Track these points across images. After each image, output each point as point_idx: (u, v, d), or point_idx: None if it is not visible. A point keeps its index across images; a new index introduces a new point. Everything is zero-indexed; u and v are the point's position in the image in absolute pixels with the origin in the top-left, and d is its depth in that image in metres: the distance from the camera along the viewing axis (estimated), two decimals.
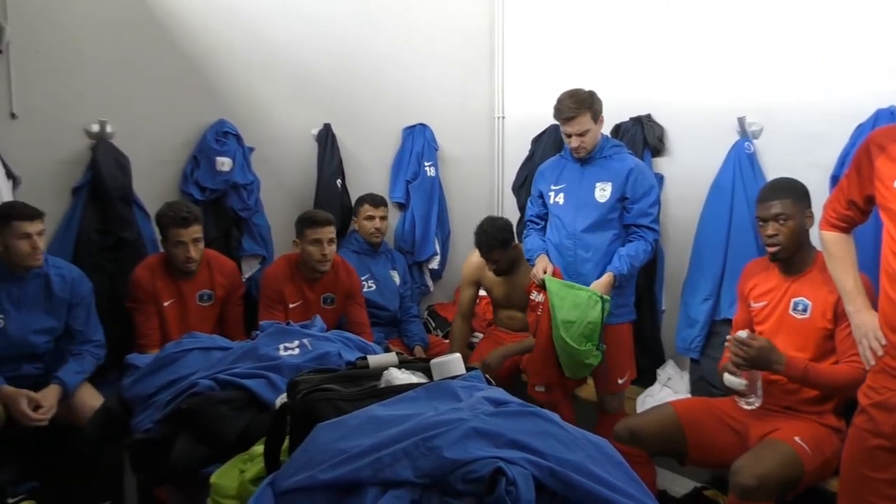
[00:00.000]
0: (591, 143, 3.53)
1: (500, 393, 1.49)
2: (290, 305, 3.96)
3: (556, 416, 1.40)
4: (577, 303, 3.37)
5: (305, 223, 3.93)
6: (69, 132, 3.87)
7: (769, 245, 2.97)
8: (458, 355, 1.63)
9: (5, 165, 3.62)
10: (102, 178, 3.81)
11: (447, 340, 4.64)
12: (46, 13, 3.76)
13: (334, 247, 3.97)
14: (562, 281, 3.48)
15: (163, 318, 3.75)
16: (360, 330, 4.01)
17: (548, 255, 3.64)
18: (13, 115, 3.70)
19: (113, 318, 3.70)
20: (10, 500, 3.32)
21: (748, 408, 2.89)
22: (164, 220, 3.66)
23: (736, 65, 3.83)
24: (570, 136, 3.52)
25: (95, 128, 3.90)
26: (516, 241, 4.25)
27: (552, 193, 3.68)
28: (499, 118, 5.41)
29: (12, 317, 3.31)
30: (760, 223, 3.01)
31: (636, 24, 4.34)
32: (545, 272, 3.50)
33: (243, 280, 4.16)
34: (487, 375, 1.67)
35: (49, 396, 3.21)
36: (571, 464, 1.26)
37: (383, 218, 4.55)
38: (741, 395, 2.88)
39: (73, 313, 3.45)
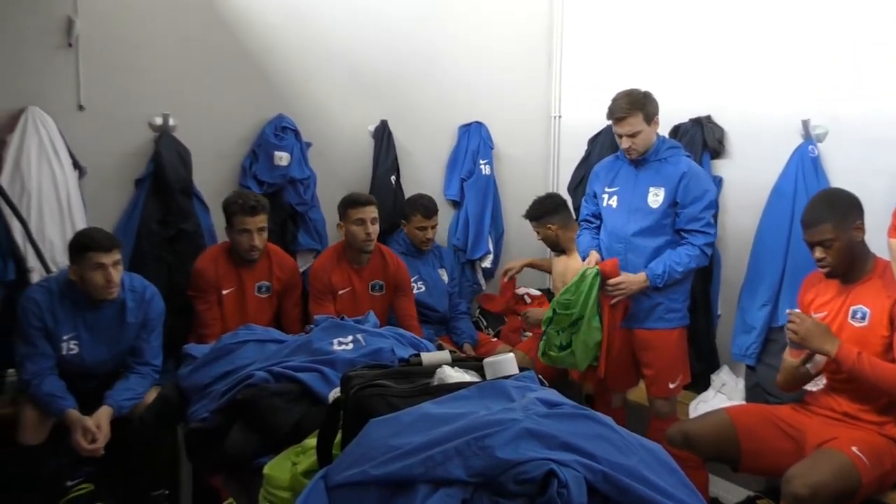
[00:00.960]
0: (643, 145, 3.49)
1: (553, 394, 1.48)
2: (339, 292, 3.99)
3: (609, 420, 1.39)
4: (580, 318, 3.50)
5: (348, 204, 3.95)
6: (133, 125, 3.97)
7: (820, 267, 2.92)
8: (511, 355, 1.62)
9: (72, 156, 3.73)
10: (164, 171, 3.89)
11: (496, 339, 4.64)
12: (114, 7, 3.87)
13: (377, 226, 3.97)
14: (594, 287, 3.50)
15: (221, 306, 3.82)
16: (408, 323, 4.02)
17: (599, 254, 3.63)
18: (81, 108, 3.81)
19: (170, 307, 3.76)
20: (69, 484, 3.42)
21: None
22: (233, 207, 3.72)
23: (802, 66, 3.74)
24: (621, 136, 3.48)
25: (158, 121, 3.99)
26: (566, 222, 4.28)
27: (605, 196, 3.64)
28: (555, 117, 5.37)
29: (85, 343, 3.35)
30: (808, 245, 2.95)
31: (697, 23, 4.27)
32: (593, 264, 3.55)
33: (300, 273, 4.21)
34: (541, 376, 1.66)
35: (102, 423, 3.20)
36: (624, 468, 1.24)
37: (434, 227, 4.52)
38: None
39: (140, 333, 3.47)
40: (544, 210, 4.29)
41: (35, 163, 3.58)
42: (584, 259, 3.70)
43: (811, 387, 2.88)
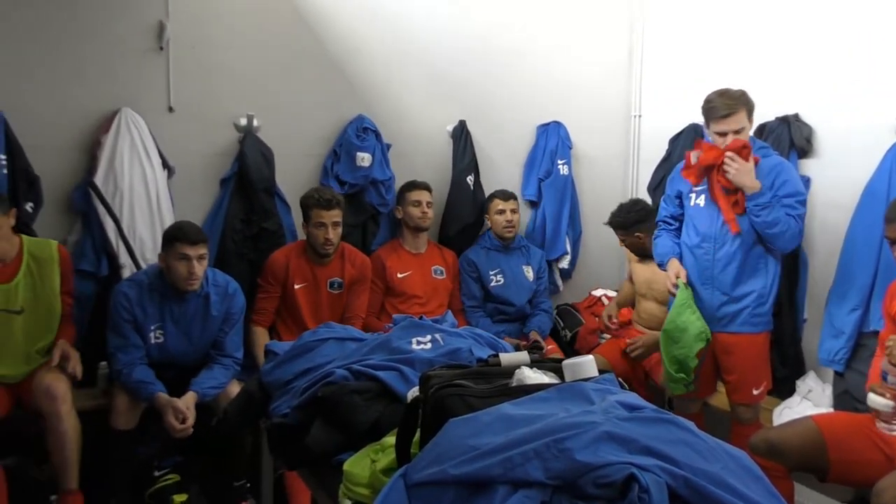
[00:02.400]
0: None
1: (633, 397, 1.46)
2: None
3: (691, 424, 1.37)
4: (685, 328, 3.35)
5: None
6: (219, 125, 4.08)
7: None
8: (591, 357, 1.61)
9: (162, 156, 3.86)
10: (248, 170, 3.99)
11: (550, 347, 4.59)
12: (203, 11, 3.98)
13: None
14: (689, 298, 3.42)
15: (294, 300, 3.93)
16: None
17: (680, 260, 3.55)
18: (171, 109, 3.94)
19: (251, 305, 3.88)
20: (156, 473, 3.55)
21: (889, 433, 2.70)
22: (309, 201, 3.84)
23: (894, 62, 3.60)
24: (724, 134, 3.38)
25: (243, 121, 4.09)
26: (653, 229, 4.15)
27: (693, 195, 3.56)
28: (635, 117, 5.29)
29: (170, 334, 3.49)
30: (891, 244, 2.82)
31: (783, 18, 4.15)
32: (678, 277, 3.45)
33: None
34: (621, 379, 1.64)
35: (189, 406, 3.33)
36: (707, 474, 1.22)
37: (514, 211, 4.56)
38: (884, 419, 2.69)
39: (222, 326, 3.59)
40: (633, 219, 4.17)
41: (127, 162, 3.72)
42: (661, 265, 3.63)
43: (886, 431, 2.72)
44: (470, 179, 4.66)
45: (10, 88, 3.57)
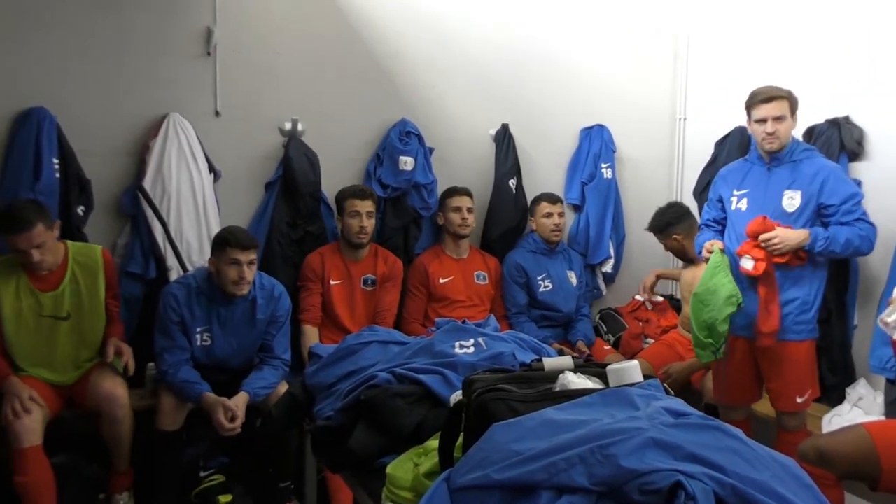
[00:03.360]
0: (785, 136, 3.34)
1: (679, 404, 1.44)
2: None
3: (738, 432, 1.35)
4: (715, 290, 3.29)
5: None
6: (264, 129, 4.13)
7: None
8: (635, 362, 1.60)
9: (208, 160, 3.92)
10: (294, 174, 4.03)
11: (608, 347, 4.59)
12: (248, 16, 4.04)
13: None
14: (723, 262, 3.36)
15: (331, 297, 3.99)
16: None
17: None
18: (217, 113, 4.00)
19: (297, 307, 3.91)
20: (202, 474, 3.59)
21: None
22: (344, 193, 3.95)
23: None
24: (764, 120, 3.33)
25: (288, 125, 4.14)
26: (691, 230, 4.15)
27: (734, 199, 3.51)
28: (680, 119, 5.24)
29: (217, 337, 3.53)
30: None
31: (831, 19, 4.08)
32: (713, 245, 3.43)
33: None
34: (666, 385, 1.62)
35: (240, 406, 3.37)
36: (755, 482, 1.20)
37: (561, 214, 4.55)
38: None
39: (268, 329, 3.63)
40: (667, 220, 4.20)
41: (175, 166, 3.78)
42: (699, 252, 3.59)
43: None
44: (512, 183, 4.65)
45: (63, 94, 3.66)
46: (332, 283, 4.00)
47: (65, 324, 3.37)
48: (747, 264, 3.32)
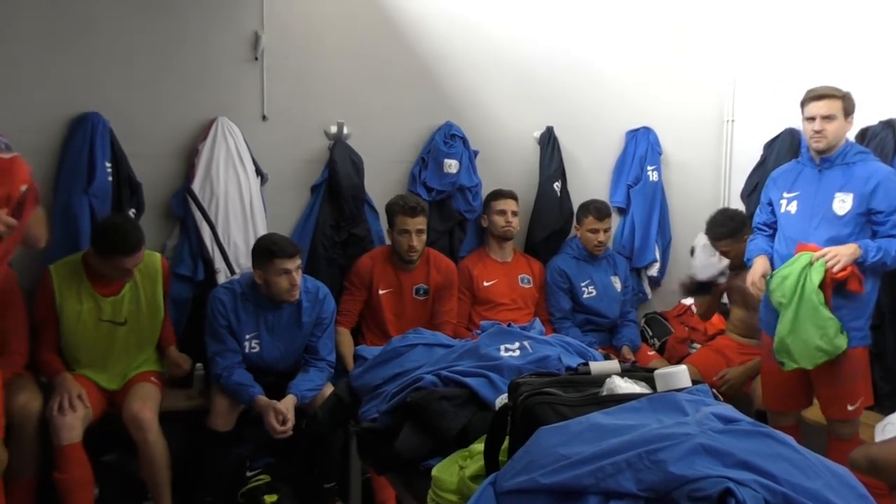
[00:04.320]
0: (834, 136, 3.26)
1: (729, 409, 1.42)
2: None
3: (790, 439, 1.33)
4: (819, 323, 3.17)
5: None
6: (311, 133, 4.17)
7: None
8: (683, 367, 1.58)
9: (255, 163, 3.97)
10: (338, 177, 4.06)
11: (652, 353, 4.54)
12: (295, 21, 4.09)
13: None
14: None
15: (379, 304, 3.98)
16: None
17: (770, 260, 3.44)
18: (264, 118, 4.05)
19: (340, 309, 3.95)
20: (248, 474, 3.64)
21: None
22: (394, 208, 3.89)
23: None
24: (813, 118, 3.27)
25: (333, 129, 4.17)
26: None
27: (784, 202, 3.44)
28: (728, 121, 5.16)
29: (265, 342, 3.57)
30: None
31: (885, 16, 3.99)
32: (763, 276, 3.35)
33: None
34: (716, 391, 1.60)
35: (290, 409, 3.40)
36: (808, 491, 1.18)
37: (607, 230, 4.49)
38: None
39: (314, 331, 3.66)
40: (721, 234, 3.97)
41: (223, 169, 3.83)
42: (748, 261, 3.54)
43: None
44: (557, 186, 4.63)
45: (116, 99, 3.74)
46: (380, 291, 3.98)
47: (122, 329, 3.44)
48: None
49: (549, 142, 4.65)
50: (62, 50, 3.66)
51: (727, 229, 3.92)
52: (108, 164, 3.65)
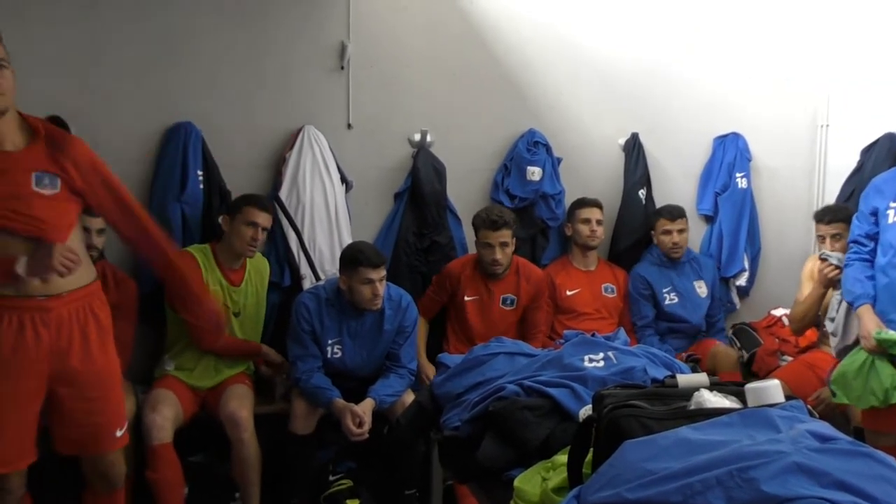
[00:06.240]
0: None
1: (825, 427, 1.37)
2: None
3: (892, 460, 1.27)
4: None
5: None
6: (395, 141, 4.22)
7: None
8: (776, 381, 1.53)
9: (340, 171, 4.03)
10: (421, 185, 4.10)
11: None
12: (380, 31, 4.15)
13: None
14: None
15: (464, 311, 3.99)
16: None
17: (873, 306, 3.23)
18: (349, 126, 4.12)
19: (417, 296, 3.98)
20: (331, 478, 3.69)
21: None
22: (477, 220, 3.89)
23: None
24: None
25: (417, 137, 4.21)
26: None
27: (891, 211, 3.28)
28: (822, 126, 4.97)
29: (348, 348, 3.63)
30: None
31: None
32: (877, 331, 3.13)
33: None
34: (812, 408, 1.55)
35: (367, 412, 3.43)
36: None
37: (681, 231, 4.40)
38: None
39: (395, 339, 3.69)
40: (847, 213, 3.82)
41: (309, 177, 3.91)
42: (852, 303, 3.31)
43: None
44: (642, 193, 4.56)
45: (207, 109, 3.87)
46: (466, 298, 3.99)
47: (235, 320, 3.60)
48: None
49: (633, 148, 4.58)
50: (158, 63, 3.82)
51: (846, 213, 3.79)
52: (199, 173, 3.78)
